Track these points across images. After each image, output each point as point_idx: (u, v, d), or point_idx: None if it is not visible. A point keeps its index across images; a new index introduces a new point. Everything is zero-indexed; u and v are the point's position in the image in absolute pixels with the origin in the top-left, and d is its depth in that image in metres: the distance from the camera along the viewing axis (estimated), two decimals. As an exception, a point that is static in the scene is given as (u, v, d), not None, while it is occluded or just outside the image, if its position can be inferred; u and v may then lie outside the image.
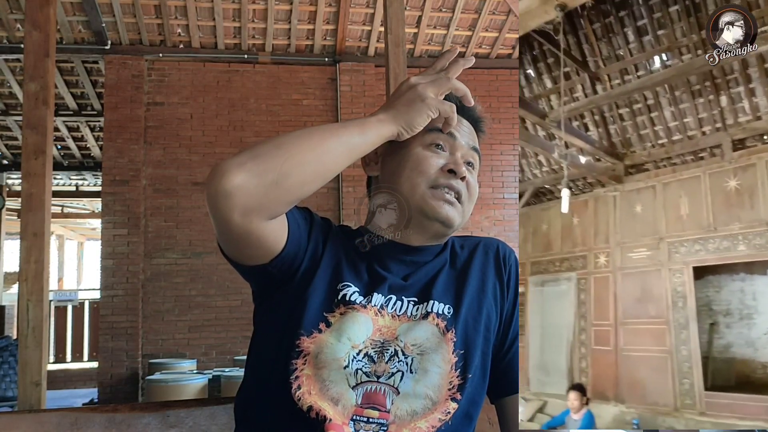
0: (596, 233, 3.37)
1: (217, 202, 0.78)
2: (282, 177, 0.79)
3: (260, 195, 0.79)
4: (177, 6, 6.18)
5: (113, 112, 6.25)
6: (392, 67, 3.59)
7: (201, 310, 6.21)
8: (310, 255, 0.93)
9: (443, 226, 0.95)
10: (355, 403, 0.85)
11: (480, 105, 1.04)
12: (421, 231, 0.97)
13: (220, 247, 0.90)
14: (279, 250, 0.87)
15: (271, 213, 0.83)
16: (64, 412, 1.31)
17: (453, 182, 0.95)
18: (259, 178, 0.79)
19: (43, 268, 2.91)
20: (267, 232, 0.84)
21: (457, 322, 0.92)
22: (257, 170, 0.79)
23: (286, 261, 0.89)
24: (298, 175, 0.81)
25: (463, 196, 0.96)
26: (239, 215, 0.79)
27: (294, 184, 0.81)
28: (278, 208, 0.83)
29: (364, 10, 6.47)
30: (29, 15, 3.12)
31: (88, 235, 13.01)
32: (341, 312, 0.90)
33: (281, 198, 0.81)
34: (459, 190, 0.95)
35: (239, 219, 0.80)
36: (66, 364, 8.05)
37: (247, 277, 0.94)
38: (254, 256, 0.88)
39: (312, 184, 0.83)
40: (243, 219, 0.80)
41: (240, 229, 0.81)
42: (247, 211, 0.80)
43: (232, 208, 0.79)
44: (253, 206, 0.80)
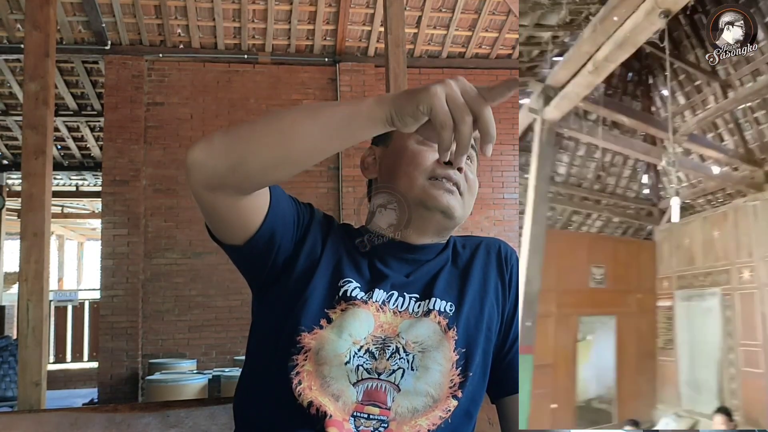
0: (738, 246, 3.14)
1: (187, 173, 0.80)
2: (241, 158, 0.78)
3: (221, 173, 0.79)
4: (177, 6, 6.18)
5: (113, 113, 6.25)
6: (392, 67, 3.59)
7: (201, 310, 6.21)
8: (308, 251, 0.93)
9: (444, 216, 0.95)
10: (355, 399, 0.85)
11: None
12: (423, 227, 0.97)
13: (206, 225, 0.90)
14: (252, 232, 0.87)
15: (237, 191, 0.81)
16: (64, 412, 1.31)
17: (451, 173, 0.95)
18: (221, 156, 0.78)
19: (43, 268, 2.91)
20: (236, 211, 0.84)
21: (458, 320, 0.92)
22: (222, 149, 0.78)
23: (259, 244, 0.88)
24: (259, 156, 0.78)
25: (462, 187, 0.96)
26: (203, 188, 0.80)
27: (255, 165, 0.78)
28: (243, 187, 0.81)
29: (364, 10, 6.47)
30: (29, 15, 3.12)
31: (88, 235, 13.01)
32: (342, 308, 0.90)
33: (244, 178, 0.79)
34: (457, 180, 0.96)
35: (204, 192, 0.81)
36: (66, 364, 8.05)
37: (233, 260, 0.94)
38: (228, 234, 0.88)
39: (280, 168, 0.79)
40: (207, 193, 0.81)
41: (206, 203, 0.82)
42: (211, 186, 0.80)
43: (195, 181, 0.80)
44: (216, 183, 0.80)
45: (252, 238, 0.87)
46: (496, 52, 6.98)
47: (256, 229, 0.87)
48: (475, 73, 6.95)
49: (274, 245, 0.90)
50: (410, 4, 6.37)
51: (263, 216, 0.87)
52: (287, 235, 0.92)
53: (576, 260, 3.37)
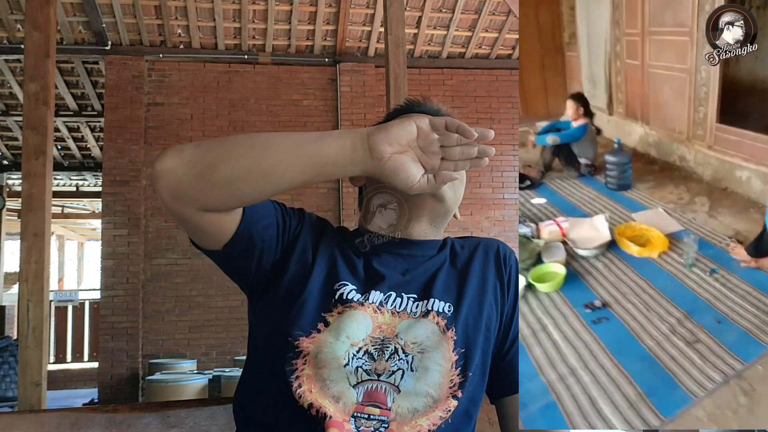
0: None
1: (154, 181, 0.79)
2: (208, 169, 0.77)
3: (188, 184, 0.78)
4: (177, 6, 6.18)
5: (113, 113, 6.26)
6: (392, 67, 3.59)
7: (201, 311, 6.21)
8: (299, 255, 0.93)
9: (436, 200, 0.96)
10: (356, 400, 0.85)
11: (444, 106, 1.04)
12: (416, 215, 0.98)
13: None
14: (228, 238, 0.87)
15: (203, 205, 0.80)
16: (64, 412, 1.31)
17: None
18: (189, 167, 0.78)
19: (43, 268, 2.91)
20: (205, 222, 0.83)
21: (457, 320, 0.92)
22: (190, 159, 0.78)
23: (238, 249, 0.88)
24: (226, 170, 0.77)
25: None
26: (169, 198, 0.80)
27: (223, 173, 0.77)
28: (209, 202, 0.80)
29: (364, 10, 6.47)
30: (29, 15, 3.12)
31: (89, 235, 13.02)
32: (339, 311, 0.90)
33: (210, 192, 0.78)
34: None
35: (171, 202, 0.80)
36: (66, 365, 8.05)
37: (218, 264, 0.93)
38: (203, 241, 0.88)
39: (248, 180, 0.78)
40: (174, 203, 0.80)
41: (174, 212, 0.82)
42: (177, 197, 0.79)
43: (161, 190, 0.79)
44: (182, 193, 0.79)
45: (228, 243, 0.87)
46: (496, 53, 6.98)
47: (230, 235, 0.86)
48: (475, 73, 6.95)
49: (254, 248, 0.90)
50: (410, 4, 6.37)
51: (237, 223, 0.86)
52: (269, 237, 0.91)
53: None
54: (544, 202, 2.66)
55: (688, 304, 1.71)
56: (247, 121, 6.49)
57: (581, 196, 2.73)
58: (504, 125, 6.70)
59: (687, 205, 2.50)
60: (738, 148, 2.44)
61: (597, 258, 2.07)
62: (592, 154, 2.98)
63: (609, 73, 3.31)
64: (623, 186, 2.73)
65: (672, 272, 1.93)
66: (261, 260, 0.91)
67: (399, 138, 0.77)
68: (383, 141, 0.77)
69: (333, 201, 6.52)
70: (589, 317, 1.69)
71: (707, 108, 2.52)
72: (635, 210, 2.47)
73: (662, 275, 1.92)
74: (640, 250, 2.05)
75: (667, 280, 1.88)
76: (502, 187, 6.82)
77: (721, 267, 1.91)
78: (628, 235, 2.14)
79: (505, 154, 6.77)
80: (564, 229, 2.17)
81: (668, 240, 2.10)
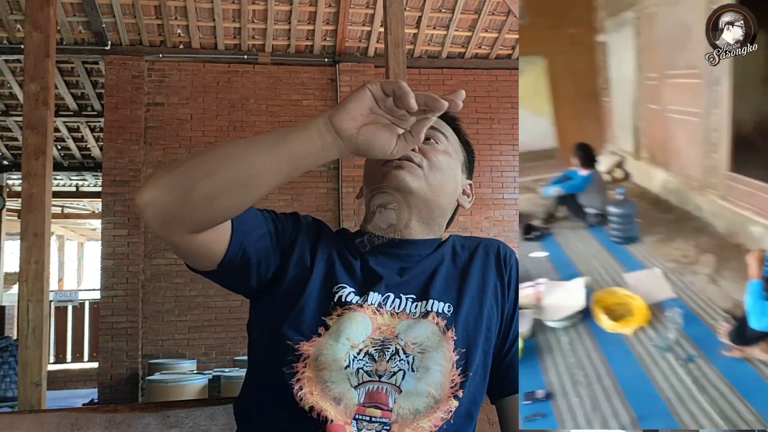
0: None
1: (141, 215, 0.80)
2: (186, 192, 0.76)
3: (170, 210, 0.78)
4: (177, 7, 6.18)
5: (113, 113, 6.26)
6: (392, 67, 3.59)
7: (201, 311, 6.21)
8: (296, 260, 0.94)
9: (402, 193, 0.96)
10: (357, 402, 0.85)
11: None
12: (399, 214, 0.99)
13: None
14: (221, 257, 0.87)
15: (189, 227, 0.80)
16: (64, 412, 1.31)
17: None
18: (167, 193, 0.77)
19: (43, 268, 2.91)
20: (196, 244, 0.83)
21: (457, 321, 0.92)
22: (167, 185, 0.77)
23: (233, 265, 0.88)
24: (203, 188, 0.76)
25: (415, 160, 0.97)
26: (158, 227, 0.80)
27: (200, 198, 0.76)
28: (195, 222, 0.80)
29: (364, 10, 6.47)
30: (29, 16, 3.12)
31: (89, 235, 13.02)
32: (338, 314, 0.90)
33: (193, 213, 0.78)
34: (407, 155, 0.96)
35: (161, 231, 0.81)
36: (66, 365, 8.05)
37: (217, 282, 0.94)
38: (198, 263, 0.88)
39: (225, 196, 0.77)
40: (163, 231, 0.81)
41: (166, 239, 0.82)
42: (164, 224, 0.80)
43: (148, 221, 0.79)
44: (168, 220, 0.79)
45: (222, 262, 0.87)
46: (495, 53, 6.98)
47: (223, 253, 0.86)
48: (474, 73, 6.95)
49: (249, 262, 0.90)
50: (410, 4, 6.37)
51: (227, 240, 0.86)
52: (263, 248, 0.91)
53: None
54: (544, 256, 2.43)
55: (645, 404, 1.42)
56: (247, 121, 6.49)
57: (582, 250, 2.53)
58: (503, 125, 6.71)
59: (690, 265, 2.29)
60: (750, 200, 2.26)
61: (566, 330, 1.80)
62: (599, 203, 2.83)
63: (635, 117, 3.24)
64: (628, 239, 2.51)
65: (640, 356, 1.66)
66: (260, 271, 0.92)
67: (358, 109, 0.75)
68: (344, 118, 0.75)
69: (333, 201, 6.52)
70: (525, 411, 1.29)
71: (719, 154, 2.36)
72: (633, 268, 2.23)
73: (628, 360, 1.65)
74: (612, 325, 1.78)
75: (632, 367, 1.60)
76: (501, 187, 6.82)
77: (702, 354, 1.60)
78: (608, 302, 1.88)
79: (504, 154, 6.78)
80: (540, 294, 1.91)
81: (651, 311, 1.83)
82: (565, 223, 2.94)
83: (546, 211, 3.00)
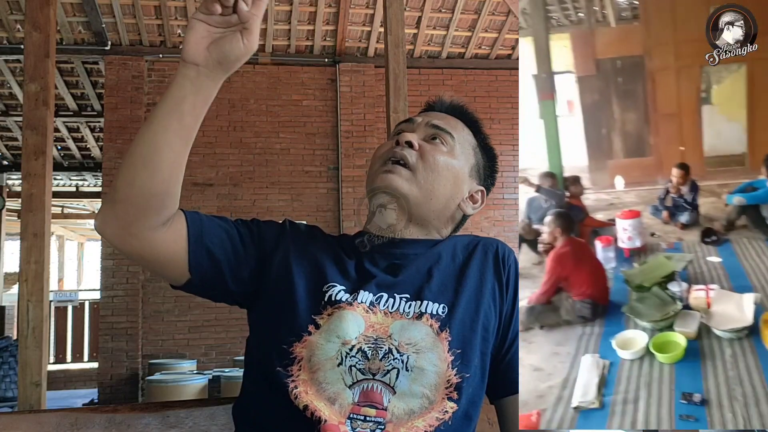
0: None
1: (103, 236, 0.87)
2: (115, 192, 0.82)
3: (116, 217, 0.83)
4: (177, 7, 6.18)
5: (113, 113, 6.26)
6: (392, 67, 3.59)
7: (201, 311, 6.21)
8: (278, 263, 0.94)
9: (389, 196, 0.97)
10: (352, 401, 0.85)
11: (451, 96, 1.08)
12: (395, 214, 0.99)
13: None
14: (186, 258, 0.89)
15: (135, 222, 0.83)
16: (64, 412, 1.31)
17: (396, 150, 0.99)
18: (108, 204, 0.84)
19: (43, 268, 2.91)
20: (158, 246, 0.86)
21: (451, 322, 0.92)
22: (105, 199, 0.85)
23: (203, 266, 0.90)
24: (123, 179, 0.82)
25: (409, 161, 0.98)
26: (119, 242, 0.85)
27: (126, 188, 0.81)
28: (138, 216, 0.83)
29: (364, 10, 6.47)
30: (29, 16, 3.12)
31: (88, 235, 13.02)
32: (329, 313, 0.90)
33: (130, 206, 0.82)
34: (402, 155, 0.98)
35: (121, 245, 0.86)
36: (66, 365, 8.05)
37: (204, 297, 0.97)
38: (172, 274, 0.91)
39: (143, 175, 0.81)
40: (124, 243, 0.85)
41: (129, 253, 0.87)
42: (126, 225, 0.83)
43: (111, 242, 0.86)
44: (121, 226, 0.84)
45: (191, 265, 0.89)
46: (495, 53, 6.98)
47: (186, 251, 0.88)
48: (474, 73, 6.95)
49: (220, 263, 0.91)
50: (410, 4, 6.37)
51: (185, 237, 0.88)
52: (234, 247, 0.93)
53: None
54: (718, 262, 2.41)
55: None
56: (247, 121, 6.49)
57: (758, 264, 2.43)
58: (503, 125, 6.70)
59: None
60: None
61: (731, 342, 1.76)
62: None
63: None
64: None
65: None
66: (234, 272, 0.93)
67: (196, 37, 0.79)
68: (190, 49, 0.79)
69: (333, 201, 6.51)
70: (680, 409, 1.42)
71: None
72: None
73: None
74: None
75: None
76: (501, 187, 6.81)
77: None
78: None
79: (504, 155, 6.74)
80: (710, 299, 1.94)
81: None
82: (745, 233, 2.83)
83: (727, 218, 2.96)
